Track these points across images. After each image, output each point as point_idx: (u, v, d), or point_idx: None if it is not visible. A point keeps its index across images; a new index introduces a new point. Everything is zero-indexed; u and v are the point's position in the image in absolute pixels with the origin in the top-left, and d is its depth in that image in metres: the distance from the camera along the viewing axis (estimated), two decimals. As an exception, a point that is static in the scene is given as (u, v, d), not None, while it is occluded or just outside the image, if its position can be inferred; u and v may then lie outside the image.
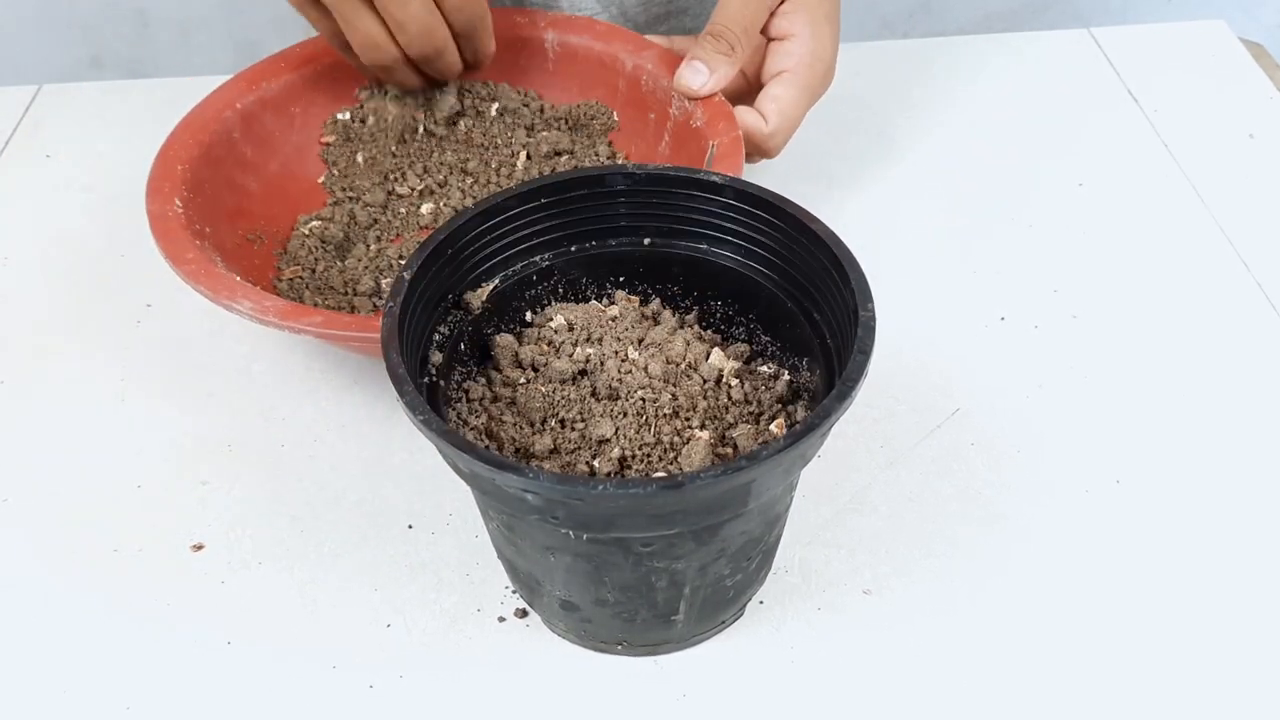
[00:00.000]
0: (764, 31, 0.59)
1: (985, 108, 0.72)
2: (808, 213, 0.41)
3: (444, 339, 0.43)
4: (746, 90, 0.61)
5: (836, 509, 0.50)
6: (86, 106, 0.74)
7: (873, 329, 0.37)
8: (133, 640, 0.46)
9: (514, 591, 0.47)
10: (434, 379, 0.42)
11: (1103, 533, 0.49)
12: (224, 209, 0.57)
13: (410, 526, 0.49)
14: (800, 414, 0.43)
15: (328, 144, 0.63)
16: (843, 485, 0.51)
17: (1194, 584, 0.47)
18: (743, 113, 0.58)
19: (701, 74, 0.57)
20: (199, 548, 0.49)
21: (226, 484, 0.52)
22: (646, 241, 0.45)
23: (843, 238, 0.40)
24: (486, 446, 0.41)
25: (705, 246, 0.45)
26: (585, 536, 0.37)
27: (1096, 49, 0.76)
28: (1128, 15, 1.26)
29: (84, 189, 0.68)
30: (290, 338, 0.57)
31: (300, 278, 0.57)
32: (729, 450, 0.41)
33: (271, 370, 0.57)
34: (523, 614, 0.46)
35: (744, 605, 0.46)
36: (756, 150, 0.59)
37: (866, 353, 0.37)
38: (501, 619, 0.46)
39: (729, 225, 0.44)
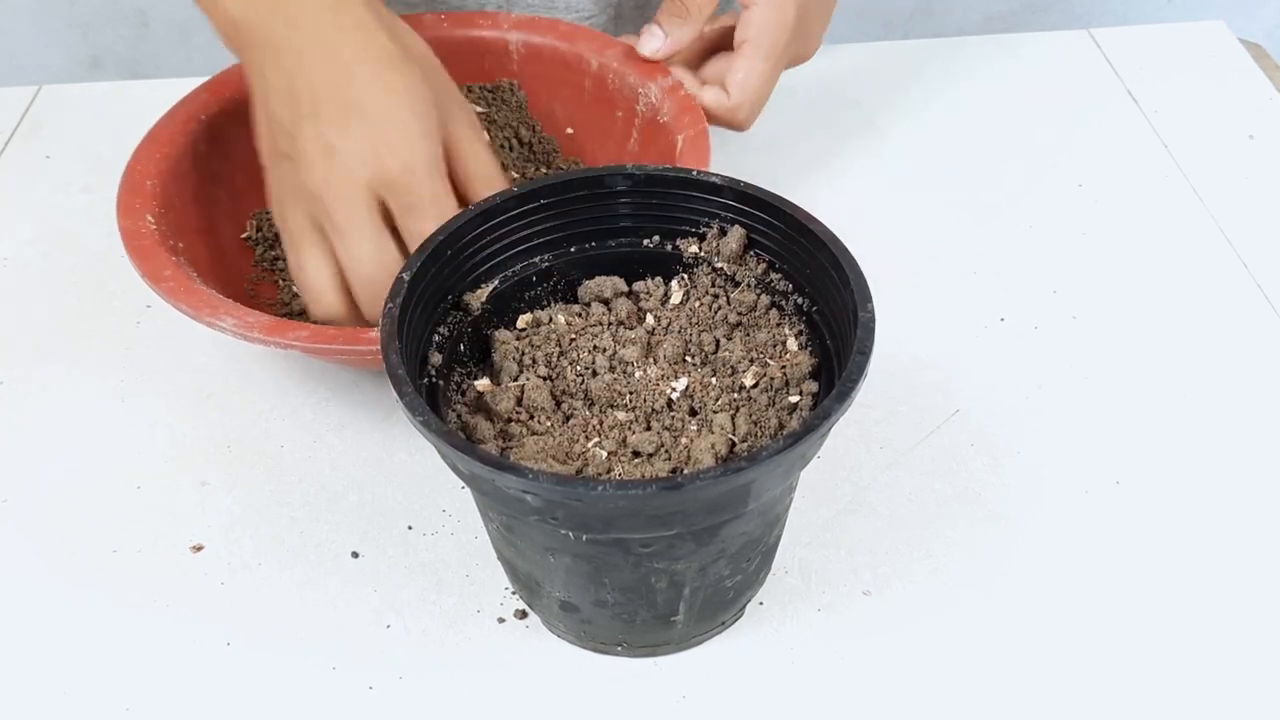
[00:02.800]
0: None
1: (985, 109, 0.72)
2: (807, 213, 0.41)
3: (443, 340, 0.42)
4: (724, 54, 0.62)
5: (836, 510, 0.50)
6: (86, 107, 0.74)
7: (872, 329, 0.37)
8: (133, 641, 0.46)
9: (514, 593, 0.47)
10: (433, 380, 0.42)
11: (1102, 533, 0.49)
12: (194, 223, 0.56)
13: (410, 527, 0.49)
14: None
15: None
16: (842, 486, 0.51)
17: (1193, 585, 0.47)
18: (705, 91, 0.59)
19: (657, 38, 0.59)
20: (199, 548, 0.49)
21: (226, 485, 0.52)
22: (646, 243, 0.45)
23: (842, 238, 0.40)
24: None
25: (705, 247, 0.45)
26: (585, 537, 0.37)
27: (1096, 50, 0.76)
28: (1128, 16, 1.26)
29: (84, 189, 0.68)
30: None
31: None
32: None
33: (271, 371, 0.57)
34: (522, 615, 0.46)
35: (744, 606, 0.46)
36: (726, 125, 0.60)
37: (866, 353, 0.37)
38: (501, 620, 0.46)
39: (729, 226, 0.44)
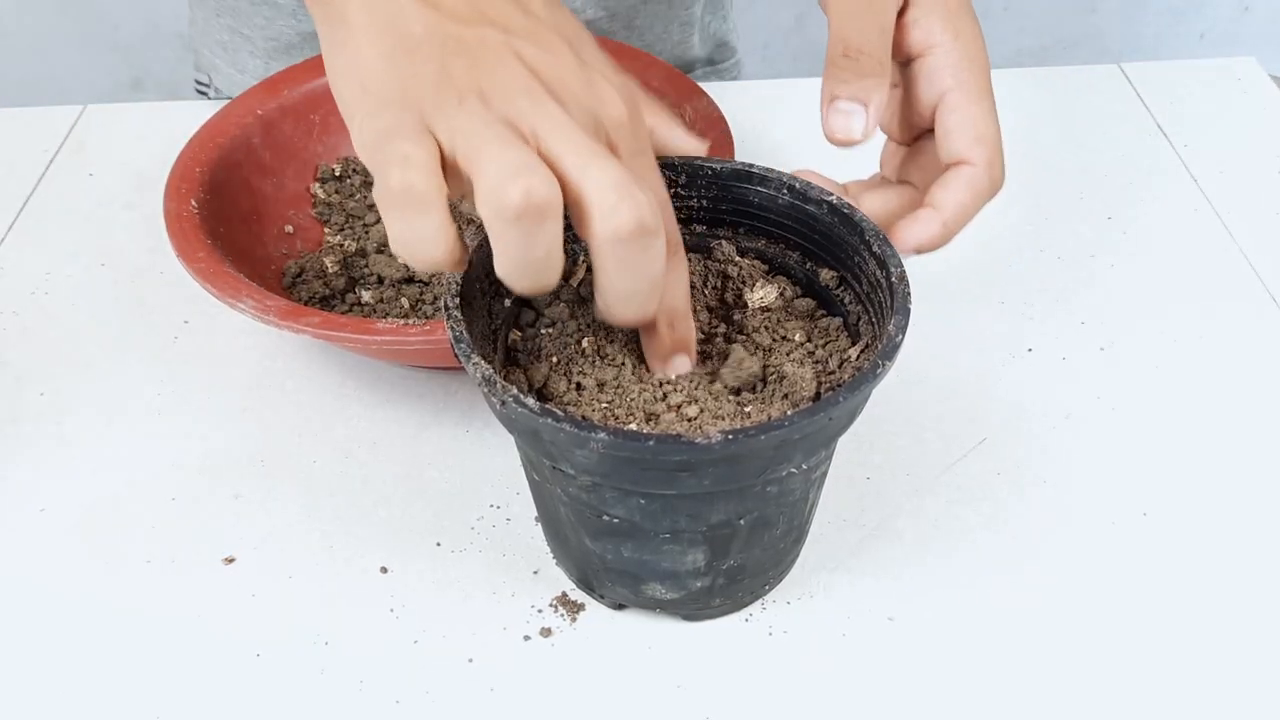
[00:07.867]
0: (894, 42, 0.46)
1: (1016, 141, 0.71)
2: (821, 189, 0.44)
3: (494, 329, 0.44)
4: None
5: (862, 535, 0.50)
6: (129, 127, 0.75)
7: (908, 289, 0.39)
8: (163, 651, 0.47)
9: (539, 611, 0.47)
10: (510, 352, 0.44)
11: (1128, 565, 0.48)
12: (239, 211, 0.59)
13: (438, 544, 0.50)
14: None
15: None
16: (869, 512, 0.51)
17: (1220, 618, 0.46)
18: (907, 227, 0.43)
19: (858, 115, 0.44)
20: (230, 560, 0.50)
21: (259, 498, 0.52)
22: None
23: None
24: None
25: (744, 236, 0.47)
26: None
27: (1127, 84, 0.76)
28: (1159, 51, 1.26)
29: (125, 207, 0.69)
30: (323, 355, 0.58)
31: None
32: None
33: (305, 387, 0.57)
34: (547, 633, 0.47)
35: (768, 584, 0.47)
36: (985, 198, 0.46)
37: (905, 312, 0.39)
38: (527, 638, 0.47)
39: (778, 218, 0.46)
